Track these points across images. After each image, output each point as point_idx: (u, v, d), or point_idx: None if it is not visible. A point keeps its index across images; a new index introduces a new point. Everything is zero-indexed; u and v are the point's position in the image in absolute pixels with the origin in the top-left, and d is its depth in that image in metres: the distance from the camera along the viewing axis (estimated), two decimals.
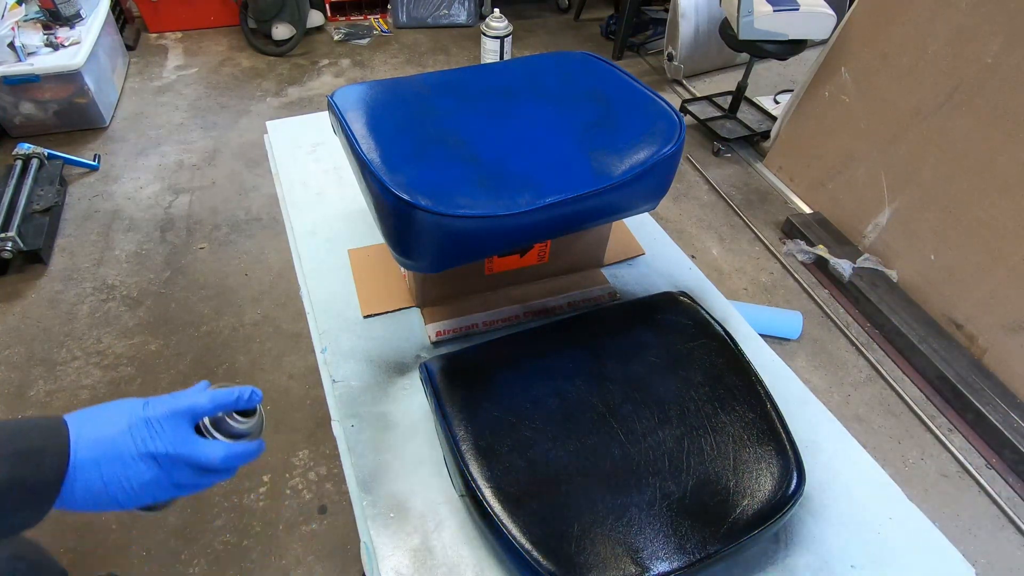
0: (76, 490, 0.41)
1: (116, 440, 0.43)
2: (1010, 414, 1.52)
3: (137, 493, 0.43)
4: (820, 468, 0.66)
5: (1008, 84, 1.58)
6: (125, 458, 0.43)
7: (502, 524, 0.53)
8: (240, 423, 0.49)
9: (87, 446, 0.42)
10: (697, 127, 2.61)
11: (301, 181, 1.00)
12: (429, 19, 3.38)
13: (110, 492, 0.42)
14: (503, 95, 0.73)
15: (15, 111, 2.30)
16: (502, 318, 0.79)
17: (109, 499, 0.43)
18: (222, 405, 0.48)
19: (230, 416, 0.49)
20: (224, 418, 0.48)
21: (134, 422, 0.44)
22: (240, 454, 0.47)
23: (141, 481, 0.43)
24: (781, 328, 1.79)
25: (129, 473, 0.43)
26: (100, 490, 0.42)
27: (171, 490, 0.45)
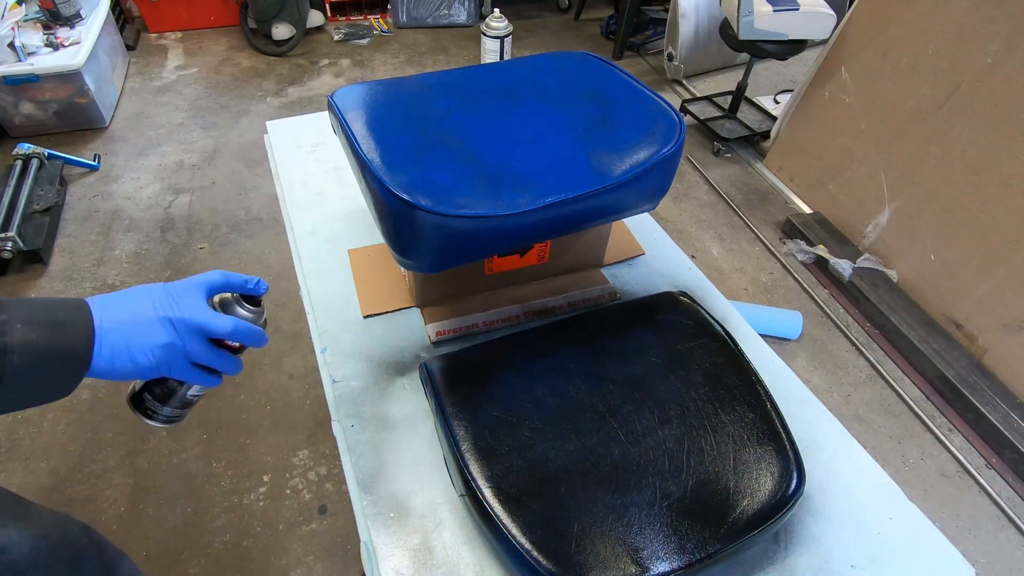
0: (103, 353, 0.46)
1: (138, 306, 0.48)
2: (1010, 414, 1.52)
3: (155, 356, 0.47)
4: (820, 468, 0.66)
5: (1008, 84, 1.58)
6: (145, 321, 0.47)
7: (502, 524, 0.53)
8: (248, 310, 0.55)
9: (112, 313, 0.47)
10: (697, 127, 2.61)
11: (301, 181, 1.00)
12: (429, 19, 3.38)
13: (132, 354, 0.46)
14: (503, 95, 0.73)
15: (15, 111, 2.30)
16: (502, 318, 0.79)
17: (131, 362, 0.47)
18: (232, 283, 0.53)
19: (238, 302, 0.54)
20: (232, 303, 0.53)
21: (155, 295, 0.49)
22: (246, 330, 0.52)
23: (158, 343, 0.47)
24: (781, 328, 1.79)
25: (149, 334, 0.47)
26: (123, 351, 0.46)
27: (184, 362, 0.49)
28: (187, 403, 0.56)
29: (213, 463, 1.43)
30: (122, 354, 0.46)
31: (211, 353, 0.51)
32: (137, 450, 1.44)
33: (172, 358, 0.48)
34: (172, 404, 0.54)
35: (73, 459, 1.41)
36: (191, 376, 0.51)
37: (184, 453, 1.44)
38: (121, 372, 0.47)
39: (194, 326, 0.49)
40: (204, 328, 0.49)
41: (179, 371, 0.50)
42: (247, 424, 1.51)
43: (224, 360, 0.53)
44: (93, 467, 1.40)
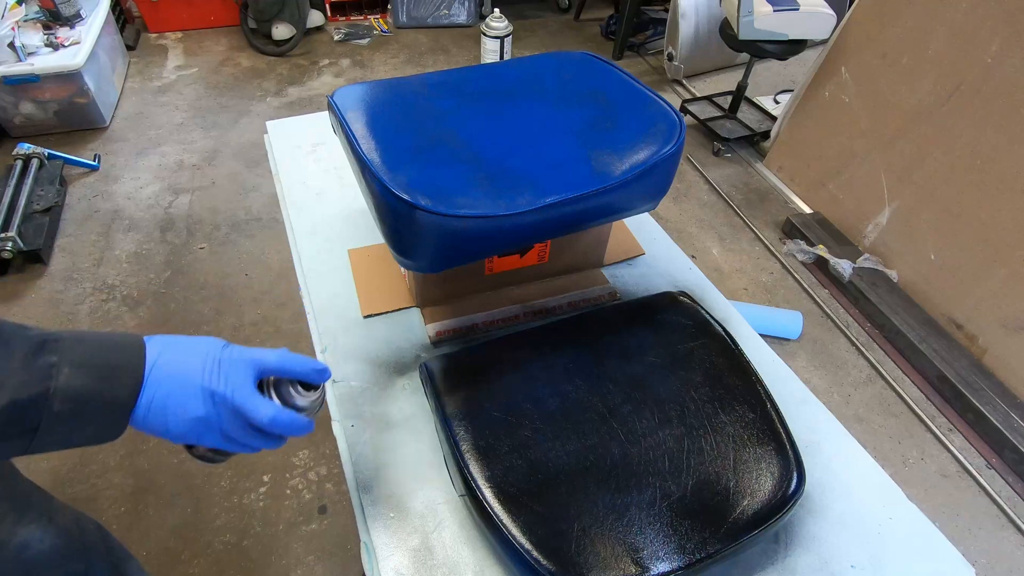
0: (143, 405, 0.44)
1: (188, 369, 0.45)
2: (1010, 414, 1.52)
3: (188, 425, 0.45)
4: (820, 468, 0.66)
5: (1008, 84, 1.58)
6: (188, 388, 0.45)
7: (502, 524, 0.53)
8: (301, 395, 0.50)
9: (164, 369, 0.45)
10: (697, 127, 2.61)
11: (301, 181, 1.00)
12: (429, 19, 3.38)
13: (167, 416, 0.44)
14: (503, 95, 0.73)
15: (15, 111, 2.30)
16: (502, 318, 0.79)
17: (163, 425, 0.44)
18: (288, 369, 0.48)
19: (294, 386, 0.49)
20: (288, 386, 0.49)
21: (208, 358, 0.46)
22: (287, 422, 0.47)
23: (194, 415, 0.44)
24: (781, 328, 1.79)
25: (186, 403, 0.44)
26: (160, 411, 0.44)
27: (218, 437, 0.46)
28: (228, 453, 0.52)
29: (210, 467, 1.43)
30: (159, 414, 0.44)
31: (247, 436, 0.47)
32: (137, 450, 1.44)
33: (205, 432, 0.46)
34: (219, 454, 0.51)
35: (73, 459, 1.41)
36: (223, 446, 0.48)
37: (184, 453, 1.44)
38: (152, 430, 0.45)
39: (232, 407, 0.46)
40: (241, 410, 0.46)
41: (210, 442, 0.47)
42: None
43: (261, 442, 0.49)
44: (93, 467, 1.40)
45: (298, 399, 0.49)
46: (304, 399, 0.50)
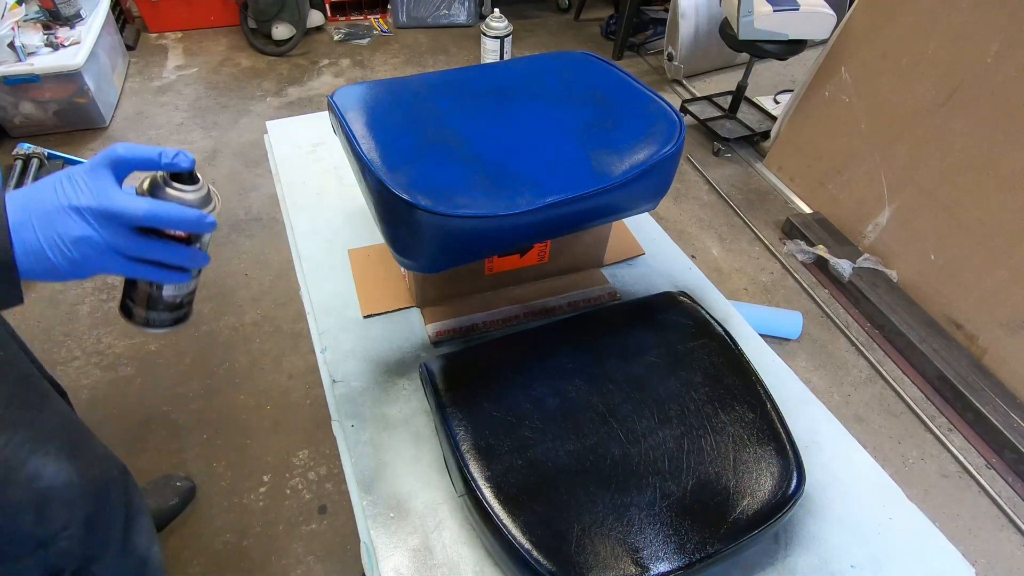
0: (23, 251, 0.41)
1: (42, 198, 0.41)
2: (1010, 414, 1.52)
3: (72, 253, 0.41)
4: (820, 468, 0.66)
5: (1008, 84, 1.58)
6: (51, 214, 0.41)
7: (502, 524, 0.53)
8: (180, 190, 0.45)
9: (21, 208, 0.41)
10: (697, 127, 2.61)
11: (301, 181, 1.00)
12: (429, 19, 3.38)
13: (47, 252, 0.41)
14: (503, 95, 0.73)
15: (15, 111, 2.30)
16: (502, 318, 0.79)
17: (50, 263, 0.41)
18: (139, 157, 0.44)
19: (166, 182, 0.45)
20: (161, 183, 0.45)
21: (57, 182, 0.42)
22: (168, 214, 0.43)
23: (71, 237, 0.41)
24: (781, 328, 1.79)
25: (58, 229, 0.41)
26: (40, 252, 0.41)
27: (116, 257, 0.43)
28: (172, 305, 0.50)
29: (213, 463, 1.43)
30: (38, 254, 0.41)
31: (145, 245, 0.43)
32: (137, 450, 1.44)
33: (96, 253, 0.42)
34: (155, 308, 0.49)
35: None
36: (134, 272, 0.45)
37: (184, 453, 1.44)
38: (45, 273, 0.41)
39: (102, 213, 0.41)
40: (113, 213, 0.41)
41: (116, 268, 0.43)
42: (247, 424, 1.51)
43: (169, 251, 0.45)
44: None
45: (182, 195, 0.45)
46: (188, 194, 0.45)
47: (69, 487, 0.62)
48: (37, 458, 0.59)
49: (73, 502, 0.63)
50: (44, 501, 0.60)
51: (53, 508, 0.61)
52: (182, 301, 0.50)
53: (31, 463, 0.59)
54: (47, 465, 0.60)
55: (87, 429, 0.71)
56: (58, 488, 0.61)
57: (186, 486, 1.34)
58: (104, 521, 0.68)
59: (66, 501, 0.62)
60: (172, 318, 0.50)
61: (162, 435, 1.47)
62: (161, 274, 0.46)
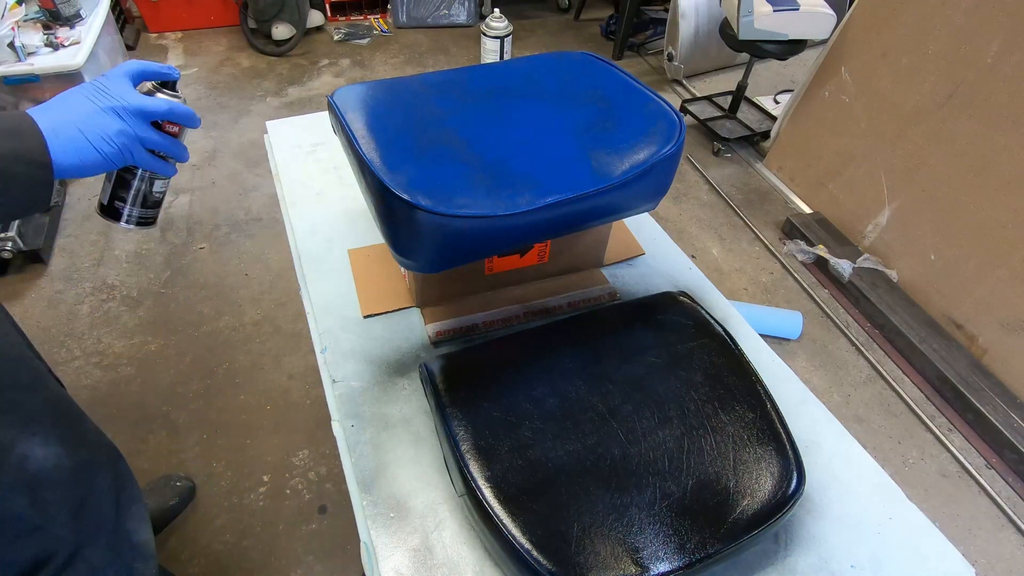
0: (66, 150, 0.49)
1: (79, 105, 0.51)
2: (1010, 414, 1.52)
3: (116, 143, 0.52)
4: (820, 468, 0.66)
5: (1008, 84, 1.58)
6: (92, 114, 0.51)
7: (502, 524, 0.53)
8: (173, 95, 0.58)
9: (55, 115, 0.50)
10: (697, 127, 2.61)
11: (301, 181, 1.00)
12: (429, 19, 3.38)
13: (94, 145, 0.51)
14: (503, 95, 0.73)
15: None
16: (502, 318, 0.79)
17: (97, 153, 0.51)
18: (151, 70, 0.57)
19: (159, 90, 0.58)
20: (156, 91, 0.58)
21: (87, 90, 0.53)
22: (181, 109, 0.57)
23: (114, 130, 0.52)
24: (781, 328, 1.79)
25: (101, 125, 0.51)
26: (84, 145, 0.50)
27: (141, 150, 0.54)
28: (155, 201, 0.62)
29: (213, 463, 1.43)
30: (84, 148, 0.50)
31: (160, 137, 0.56)
32: (137, 450, 1.44)
33: (130, 144, 0.53)
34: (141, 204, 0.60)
35: None
36: (150, 163, 0.56)
37: (184, 453, 1.44)
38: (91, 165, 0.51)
39: (136, 110, 0.53)
40: (145, 111, 0.54)
41: (140, 158, 0.55)
42: (247, 424, 1.51)
43: (172, 144, 0.58)
44: None
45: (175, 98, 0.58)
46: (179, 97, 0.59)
47: (58, 470, 0.62)
48: (25, 440, 0.60)
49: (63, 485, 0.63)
50: (36, 484, 0.60)
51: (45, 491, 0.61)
52: (161, 199, 0.63)
53: (20, 445, 0.59)
54: (35, 447, 0.60)
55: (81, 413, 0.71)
56: (48, 471, 0.61)
57: (186, 486, 1.34)
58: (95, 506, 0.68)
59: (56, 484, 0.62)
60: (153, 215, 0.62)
61: (162, 435, 1.47)
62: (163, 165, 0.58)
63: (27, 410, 0.62)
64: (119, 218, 0.60)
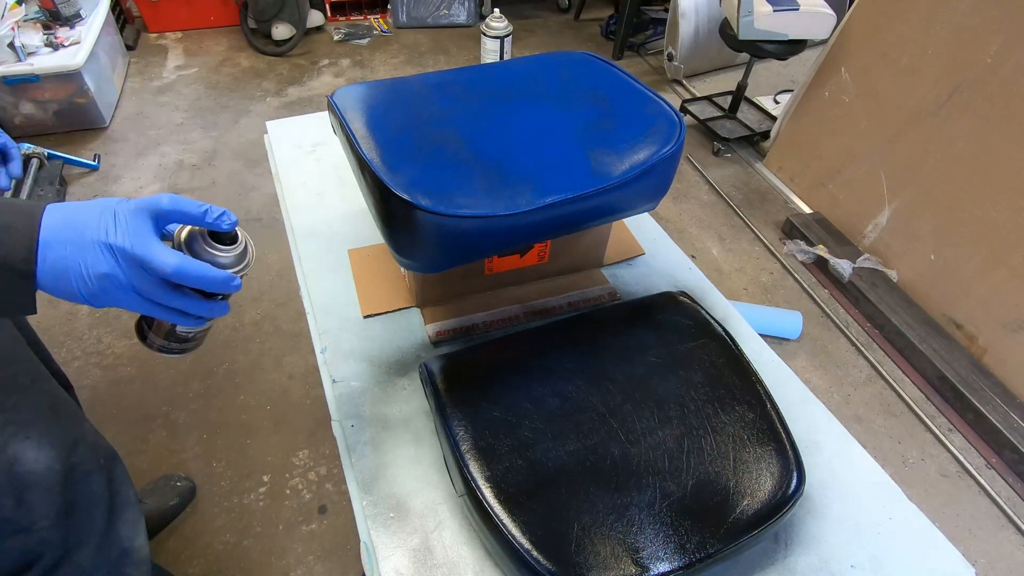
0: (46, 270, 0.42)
1: (83, 226, 0.43)
2: (1010, 414, 1.52)
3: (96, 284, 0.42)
4: (820, 468, 0.66)
5: (1008, 84, 1.58)
6: (85, 244, 0.42)
7: (502, 524, 0.53)
8: (217, 249, 0.46)
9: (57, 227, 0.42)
10: (697, 127, 2.61)
11: (301, 181, 1.00)
12: (429, 19, 3.38)
13: (70, 277, 0.42)
14: (503, 95, 0.73)
15: (15, 111, 2.30)
16: (502, 318, 0.79)
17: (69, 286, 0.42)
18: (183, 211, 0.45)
19: (205, 238, 0.46)
20: (198, 238, 0.46)
21: (104, 212, 0.43)
22: (197, 272, 0.44)
23: (97, 271, 0.42)
24: (781, 328, 1.79)
25: (87, 260, 0.42)
26: (62, 273, 0.42)
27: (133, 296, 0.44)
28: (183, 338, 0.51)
29: (213, 463, 1.43)
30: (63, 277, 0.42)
31: (165, 293, 0.44)
32: (137, 450, 1.44)
33: (116, 291, 0.43)
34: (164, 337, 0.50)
35: None
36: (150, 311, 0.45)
37: (184, 453, 1.44)
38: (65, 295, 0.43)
39: (132, 257, 0.43)
40: (144, 262, 0.43)
41: (129, 305, 0.44)
42: (247, 424, 1.51)
43: (188, 304, 0.46)
44: None
45: (217, 255, 0.46)
46: (224, 254, 0.46)
47: (49, 473, 0.62)
48: (17, 442, 0.60)
49: (52, 488, 0.63)
50: (24, 486, 0.60)
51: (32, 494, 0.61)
52: (195, 336, 0.52)
53: (11, 447, 0.59)
54: (27, 450, 0.60)
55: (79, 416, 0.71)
56: (38, 473, 0.61)
57: (186, 486, 1.34)
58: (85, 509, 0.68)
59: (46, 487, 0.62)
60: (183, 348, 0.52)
61: (162, 435, 1.47)
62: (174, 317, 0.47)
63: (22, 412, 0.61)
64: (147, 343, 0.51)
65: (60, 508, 0.64)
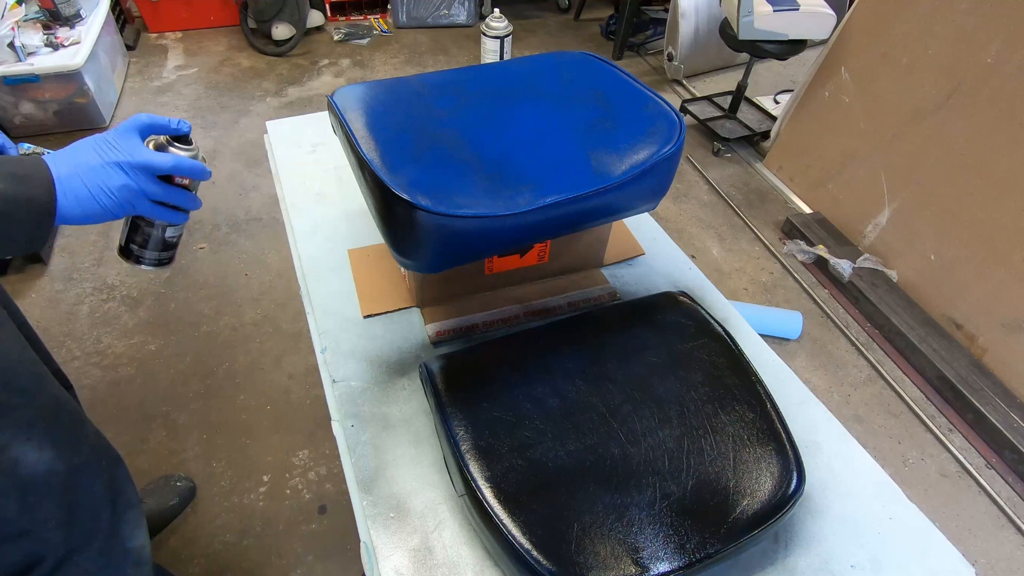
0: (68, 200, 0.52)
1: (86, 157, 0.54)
2: (1010, 414, 1.52)
3: (116, 197, 0.54)
4: (820, 468, 0.66)
5: (1008, 84, 1.58)
6: (96, 168, 0.53)
7: (502, 524, 0.53)
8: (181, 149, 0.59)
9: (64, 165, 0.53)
10: (697, 127, 2.61)
11: (301, 181, 1.00)
12: (429, 19, 3.38)
13: (95, 197, 0.53)
14: (503, 95, 0.73)
15: (15, 111, 2.30)
16: (502, 318, 0.79)
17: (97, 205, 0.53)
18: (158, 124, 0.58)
19: (171, 144, 0.59)
20: (166, 145, 0.58)
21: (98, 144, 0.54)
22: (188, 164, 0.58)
23: (116, 185, 0.53)
24: (781, 328, 1.79)
25: (104, 178, 0.53)
26: (87, 197, 0.52)
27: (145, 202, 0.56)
28: (168, 244, 0.63)
29: (213, 463, 1.43)
30: (86, 199, 0.52)
31: (165, 190, 0.57)
32: (137, 450, 1.44)
33: (132, 197, 0.55)
34: (154, 248, 0.62)
35: None
36: (155, 213, 0.58)
37: (184, 453, 1.44)
38: (93, 215, 0.53)
39: (140, 165, 0.54)
40: (149, 166, 0.55)
41: (143, 209, 0.56)
42: (247, 424, 1.51)
43: (179, 195, 0.58)
44: None
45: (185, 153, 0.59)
46: (187, 151, 0.59)
47: (51, 475, 0.63)
48: (20, 444, 0.60)
49: (55, 490, 0.63)
50: (26, 488, 0.60)
51: (35, 496, 0.61)
52: (175, 242, 0.64)
53: (14, 449, 0.59)
54: (29, 452, 0.60)
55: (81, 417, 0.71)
56: (40, 475, 0.61)
57: (186, 486, 1.34)
58: (88, 511, 0.68)
59: (48, 489, 0.62)
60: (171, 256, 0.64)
61: (162, 435, 1.47)
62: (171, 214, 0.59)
63: (24, 414, 0.62)
64: (135, 260, 0.62)
65: (63, 510, 0.64)
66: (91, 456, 0.70)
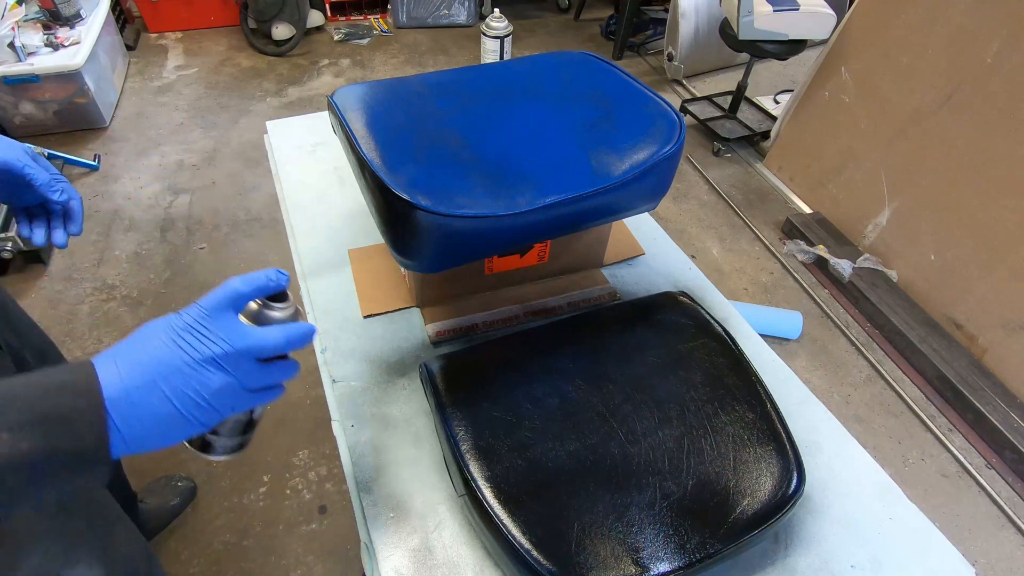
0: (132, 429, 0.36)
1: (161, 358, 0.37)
2: (1010, 414, 1.52)
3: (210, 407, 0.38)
4: (820, 468, 0.66)
5: (1008, 84, 1.58)
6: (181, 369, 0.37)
7: (502, 524, 0.53)
8: (279, 309, 0.44)
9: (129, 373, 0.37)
10: (697, 127, 2.61)
11: (301, 181, 1.00)
12: (429, 19, 3.38)
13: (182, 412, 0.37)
14: (503, 95, 0.73)
15: (15, 111, 2.30)
16: (502, 318, 0.79)
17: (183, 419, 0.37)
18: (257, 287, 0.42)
19: (267, 307, 0.44)
20: (263, 310, 0.43)
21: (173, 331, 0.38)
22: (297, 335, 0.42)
23: (211, 389, 0.38)
24: (781, 328, 1.79)
25: (196, 383, 0.37)
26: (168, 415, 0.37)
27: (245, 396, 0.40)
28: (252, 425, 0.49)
29: (213, 463, 1.43)
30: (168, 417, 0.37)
31: (265, 373, 0.41)
32: None
33: (233, 400, 0.39)
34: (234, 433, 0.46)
35: None
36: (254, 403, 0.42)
37: (184, 453, 1.44)
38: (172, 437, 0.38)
39: (240, 356, 0.39)
40: (255, 352, 0.40)
41: (243, 407, 0.41)
42: None
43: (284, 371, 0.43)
44: None
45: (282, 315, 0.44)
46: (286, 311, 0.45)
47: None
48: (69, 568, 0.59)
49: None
50: None
51: None
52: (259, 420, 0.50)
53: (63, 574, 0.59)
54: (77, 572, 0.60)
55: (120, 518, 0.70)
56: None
57: (186, 486, 1.34)
58: None
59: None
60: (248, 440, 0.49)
61: None
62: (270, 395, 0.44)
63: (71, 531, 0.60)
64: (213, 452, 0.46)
65: None
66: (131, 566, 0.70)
